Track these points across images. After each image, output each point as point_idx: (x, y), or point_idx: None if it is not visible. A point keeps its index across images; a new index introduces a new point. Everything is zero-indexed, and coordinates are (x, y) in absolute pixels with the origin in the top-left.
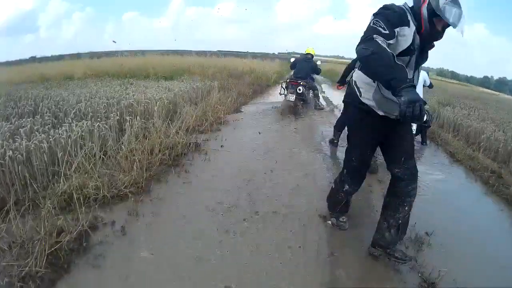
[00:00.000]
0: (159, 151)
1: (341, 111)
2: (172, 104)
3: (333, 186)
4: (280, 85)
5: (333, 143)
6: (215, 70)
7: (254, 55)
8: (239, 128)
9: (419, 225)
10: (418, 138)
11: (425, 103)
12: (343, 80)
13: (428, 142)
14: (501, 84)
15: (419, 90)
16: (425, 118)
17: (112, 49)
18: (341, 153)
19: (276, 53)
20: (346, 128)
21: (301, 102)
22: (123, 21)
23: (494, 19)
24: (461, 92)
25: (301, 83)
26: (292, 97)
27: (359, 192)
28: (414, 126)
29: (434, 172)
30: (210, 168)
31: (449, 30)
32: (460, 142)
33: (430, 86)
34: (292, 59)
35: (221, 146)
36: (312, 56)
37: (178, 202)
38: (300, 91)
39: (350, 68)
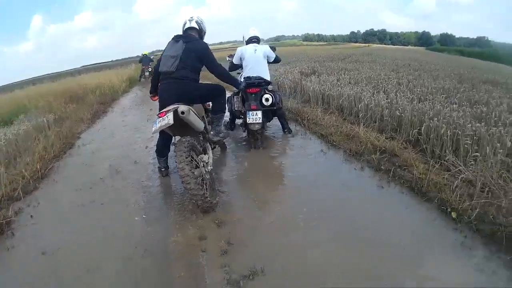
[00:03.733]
0: None
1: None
2: None
3: None
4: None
5: (161, 172)
6: (53, 97)
7: (108, 65)
8: (62, 179)
9: None
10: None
11: (269, 83)
12: (156, 90)
13: (293, 128)
14: (368, 36)
15: (263, 68)
16: (269, 102)
17: None
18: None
19: (141, 54)
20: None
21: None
22: None
23: None
24: (328, 53)
25: (150, 68)
26: (147, 74)
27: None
28: (259, 114)
29: (301, 170)
30: (12, 263)
31: None
32: (333, 117)
33: (277, 60)
34: (140, 55)
35: (31, 216)
36: (148, 54)
37: None
38: (150, 70)
39: (157, 74)
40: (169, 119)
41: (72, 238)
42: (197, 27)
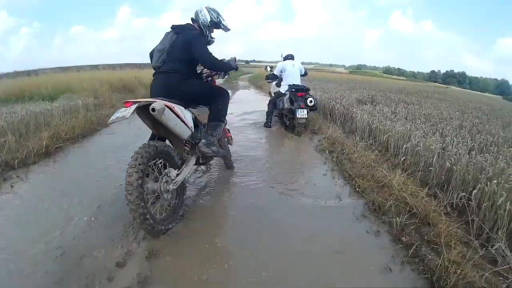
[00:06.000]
0: None
1: None
2: None
3: None
4: None
5: None
6: (102, 83)
7: None
8: (61, 161)
9: None
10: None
11: (308, 89)
12: None
13: (322, 160)
14: (448, 77)
15: (299, 78)
16: (313, 103)
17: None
18: None
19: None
20: None
21: None
22: (70, 35)
23: (441, 15)
24: (396, 85)
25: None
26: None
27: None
28: (305, 111)
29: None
30: None
31: None
32: (373, 155)
33: (305, 74)
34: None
35: (11, 186)
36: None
37: None
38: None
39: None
40: (127, 112)
41: (16, 222)
42: (194, 16)
